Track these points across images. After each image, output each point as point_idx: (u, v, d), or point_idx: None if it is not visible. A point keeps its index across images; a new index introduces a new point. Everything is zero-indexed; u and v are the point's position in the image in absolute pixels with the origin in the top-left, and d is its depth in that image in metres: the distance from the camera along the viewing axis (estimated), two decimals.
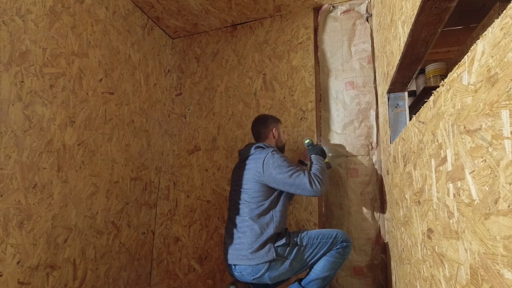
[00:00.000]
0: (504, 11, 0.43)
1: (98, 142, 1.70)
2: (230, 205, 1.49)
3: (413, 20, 0.84)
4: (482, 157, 0.49)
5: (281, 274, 1.29)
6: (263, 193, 1.36)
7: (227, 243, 1.38)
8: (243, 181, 1.41)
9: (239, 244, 1.32)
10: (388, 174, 1.49)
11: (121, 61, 1.89)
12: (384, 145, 1.61)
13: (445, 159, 0.65)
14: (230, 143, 2.08)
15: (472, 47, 0.52)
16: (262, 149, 1.43)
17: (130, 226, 1.91)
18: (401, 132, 1.12)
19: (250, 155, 1.44)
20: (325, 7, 2.02)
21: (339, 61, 1.95)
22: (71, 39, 1.56)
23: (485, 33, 0.48)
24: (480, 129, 0.49)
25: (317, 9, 2.06)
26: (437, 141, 0.70)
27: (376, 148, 1.78)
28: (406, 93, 1.38)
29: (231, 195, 1.49)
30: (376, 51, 1.79)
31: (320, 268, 1.33)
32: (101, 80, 1.73)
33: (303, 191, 1.30)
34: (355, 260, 1.69)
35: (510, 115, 0.41)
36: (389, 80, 1.30)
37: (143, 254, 2.03)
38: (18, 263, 1.27)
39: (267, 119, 1.60)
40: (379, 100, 1.75)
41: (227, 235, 1.40)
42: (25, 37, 1.34)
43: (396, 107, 1.39)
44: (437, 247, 0.72)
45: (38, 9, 1.40)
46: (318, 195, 1.30)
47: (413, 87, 2.24)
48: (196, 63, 2.35)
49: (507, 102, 0.41)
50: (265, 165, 1.35)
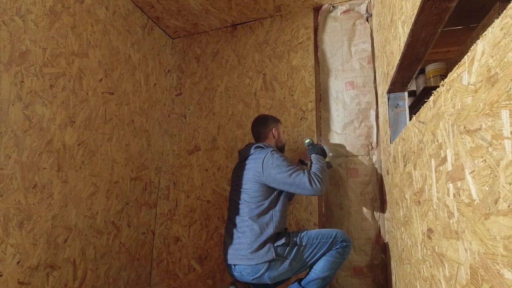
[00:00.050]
0: (504, 11, 0.43)
1: (98, 142, 1.70)
2: (230, 205, 1.49)
3: (413, 20, 0.84)
4: (482, 157, 0.49)
5: (281, 274, 1.29)
6: (262, 193, 1.36)
7: (227, 243, 1.38)
8: (243, 181, 1.41)
9: (238, 244, 1.32)
10: (388, 174, 1.49)
11: (121, 61, 1.89)
12: (384, 145, 1.61)
13: (445, 159, 0.65)
14: (230, 143, 2.08)
15: (472, 47, 0.52)
16: (261, 149, 1.43)
17: (130, 226, 1.91)
18: (401, 132, 1.12)
19: (250, 155, 1.45)
20: (325, 7, 2.02)
21: (339, 61, 1.95)
22: (71, 39, 1.56)
23: (485, 33, 0.48)
24: (480, 129, 0.49)
25: (317, 9, 2.06)
26: (437, 141, 0.70)
27: (376, 148, 1.78)
28: (406, 93, 1.38)
29: (231, 195, 1.49)
30: (376, 51, 1.79)
31: (320, 268, 1.33)
32: (101, 80, 1.73)
33: (303, 190, 1.30)
34: (355, 260, 1.69)
35: (510, 115, 0.41)
36: (389, 80, 1.30)
37: (143, 254, 2.03)
38: (18, 263, 1.27)
39: (267, 119, 1.60)
40: (379, 100, 1.75)
41: (227, 235, 1.40)
42: (25, 37, 1.34)
43: (396, 107, 1.39)
44: (437, 247, 0.72)
45: (38, 9, 1.40)
46: (318, 194, 1.30)
47: (413, 87, 2.24)
48: (196, 63, 2.35)
49: (507, 102, 0.41)
50: (265, 165, 1.35)
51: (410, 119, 1.14)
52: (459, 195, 0.58)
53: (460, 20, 1.99)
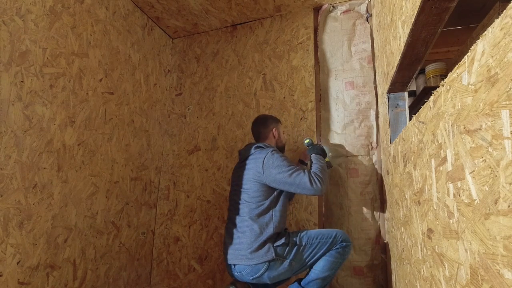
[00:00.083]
0: (504, 11, 0.43)
1: (98, 142, 1.70)
2: (230, 205, 1.49)
3: (413, 20, 0.84)
4: (482, 157, 0.49)
5: (281, 274, 1.29)
6: (263, 193, 1.36)
7: (227, 243, 1.38)
8: (243, 181, 1.41)
9: (238, 244, 1.32)
10: (388, 174, 1.49)
11: (121, 61, 1.89)
12: (384, 145, 1.61)
13: (445, 159, 0.65)
14: (230, 143, 2.08)
15: (472, 47, 0.52)
16: (262, 149, 1.43)
17: (130, 226, 1.91)
18: (401, 132, 1.12)
19: (250, 155, 1.45)
20: (325, 7, 2.02)
21: (339, 61, 1.95)
22: (71, 39, 1.56)
23: (485, 33, 0.48)
24: (480, 129, 0.49)
25: (317, 9, 2.06)
26: (437, 141, 0.70)
27: (376, 148, 1.78)
28: (406, 93, 1.38)
29: (231, 195, 1.49)
30: (376, 51, 1.79)
31: (319, 268, 1.33)
32: (101, 80, 1.73)
33: (304, 190, 1.30)
34: (355, 260, 1.69)
35: (510, 115, 0.41)
36: (389, 80, 1.30)
37: (143, 254, 2.03)
38: (18, 263, 1.27)
39: (267, 119, 1.60)
40: (379, 100, 1.75)
41: (227, 235, 1.40)
42: (25, 37, 1.34)
43: (396, 107, 1.39)
44: (437, 247, 0.72)
45: (38, 9, 1.40)
46: (318, 194, 1.31)
47: (413, 87, 2.24)
48: (196, 63, 2.35)
49: (507, 102, 0.41)
50: (265, 165, 1.35)
51: (410, 119, 1.14)
52: (459, 195, 0.58)
53: (460, 20, 1.99)
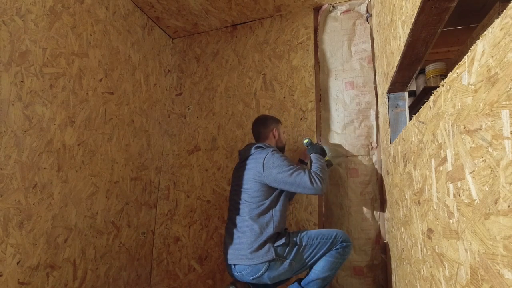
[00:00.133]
0: (504, 11, 0.43)
1: (98, 142, 1.70)
2: (230, 205, 1.49)
3: (413, 20, 0.84)
4: (482, 157, 0.49)
5: (281, 274, 1.29)
6: (263, 193, 1.36)
7: (227, 243, 1.38)
8: (243, 181, 1.41)
9: (238, 244, 1.32)
10: (388, 174, 1.49)
11: (121, 61, 1.89)
12: (384, 145, 1.61)
13: (445, 159, 0.65)
14: (230, 143, 2.08)
15: (472, 47, 0.52)
16: (262, 149, 1.43)
17: (130, 226, 1.91)
18: (401, 132, 1.12)
19: (250, 155, 1.45)
20: (325, 7, 2.02)
21: (339, 61, 1.95)
22: (71, 39, 1.56)
23: (485, 33, 0.48)
24: (480, 129, 0.49)
25: (317, 9, 2.06)
26: (437, 141, 0.70)
27: (376, 148, 1.78)
28: (406, 93, 1.38)
29: (231, 195, 1.49)
30: (376, 51, 1.79)
31: (320, 268, 1.33)
32: (101, 80, 1.73)
33: (304, 189, 1.30)
34: (355, 260, 1.69)
35: (510, 115, 0.41)
36: (389, 80, 1.30)
37: (143, 254, 2.03)
38: (18, 263, 1.27)
39: (267, 120, 1.60)
40: (379, 100, 1.75)
41: (227, 235, 1.40)
42: (25, 37, 1.34)
43: (396, 107, 1.39)
44: (437, 247, 0.72)
45: (38, 9, 1.40)
46: (319, 193, 1.31)
47: (413, 87, 2.24)
48: (196, 63, 2.35)
49: (507, 102, 0.41)
50: (265, 165, 1.35)
51: (410, 119, 1.14)
52: (459, 195, 0.58)
53: (460, 20, 1.99)
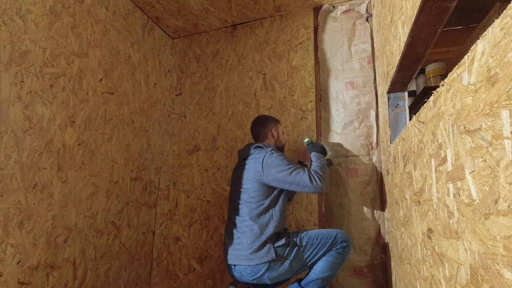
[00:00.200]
0: (504, 11, 0.43)
1: (98, 142, 1.70)
2: (230, 205, 1.49)
3: (413, 20, 0.84)
4: (482, 157, 0.49)
5: (281, 274, 1.29)
6: (262, 193, 1.36)
7: (227, 243, 1.38)
8: (242, 181, 1.41)
9: (238, 244, 1.32)
10: (388, 174, 1.49)
11: (121, 61, 1.89)
12: (384, 145, 1.61)
13: (445, 159, 0.65)
14: (230, 143, 2.08)
15: (472, 47, 0.52)
16: (261, 149, 1.43)
17: (130, 226, 1.91)
18: (401, 132, 1.12)
19: (249, 155, 1.45)
20: (325, 7, 2.02)
21: (339, 61, 1.95)
22: (71, 39, 1.56)
23: (485, 33, 0.48)
24: (480, 129, 0.49)
25: (317, 9, 2.06)
26: (437, 141, 0.70)
27: (376, 148, 1.78)
28: (406, 93, 1.38)
29: (231, 195, 1.49)
30: (376, 51, 1.79)
31: (320, 268, 1.33)
32: (101, 80, 1.73)
33: (304, 188, 1.30)
34: (355, 260, 1.69)
35: (510, 115, 0.41)
36: (389, 80, 1.30)
37: (143, 254, 2.03)
38: (18, 263, 1.27)
39: (266, 120, 1.60)
40: (379, 100, 1.75)
41: (227, 235, 1.40)
42: (25, 37, 1.34)
43: (396, 107, 1.39)
44: (437, 247, 0.72)
45: (38, 9, 1.40)
46: (319, 192, 1.31)
47: (413, 87, 2.24)
48: (196, 63, 2.35)
49: (507, 102, 0.41)
50: (265, 164, 1.35)
51: (410, 119, 1.14)
52: (459, 195, 0.58)
53: (460, 20, 1.99)
